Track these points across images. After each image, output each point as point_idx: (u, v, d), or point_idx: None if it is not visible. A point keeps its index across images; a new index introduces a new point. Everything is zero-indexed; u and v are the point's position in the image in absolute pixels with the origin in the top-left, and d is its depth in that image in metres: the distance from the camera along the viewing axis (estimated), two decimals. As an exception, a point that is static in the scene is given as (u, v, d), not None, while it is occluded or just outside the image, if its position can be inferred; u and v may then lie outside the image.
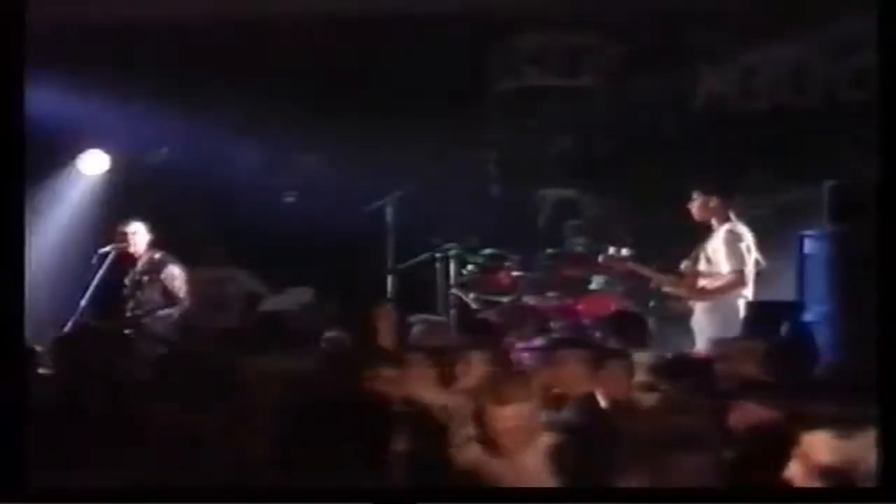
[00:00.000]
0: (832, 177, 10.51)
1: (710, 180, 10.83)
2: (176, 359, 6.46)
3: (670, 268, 10.72)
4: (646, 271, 10.80)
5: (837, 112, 12.33)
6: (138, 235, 11.77)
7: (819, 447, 4.11)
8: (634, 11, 12.51)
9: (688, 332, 10.49)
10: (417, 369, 6.98)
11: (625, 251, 10.88)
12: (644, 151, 12.72)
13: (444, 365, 7.12)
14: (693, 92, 12.95)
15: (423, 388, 6.80)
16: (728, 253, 10.38)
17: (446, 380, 7.09)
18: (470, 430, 5.47)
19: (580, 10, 12.69)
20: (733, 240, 10.41)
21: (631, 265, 10.83)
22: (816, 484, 4.05)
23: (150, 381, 5.74)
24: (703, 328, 10.28)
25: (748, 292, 10.43)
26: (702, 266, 10.50)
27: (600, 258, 11.06)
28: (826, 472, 4.03)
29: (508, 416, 5.38)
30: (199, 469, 4.31)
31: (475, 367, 7.18)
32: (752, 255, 10.48)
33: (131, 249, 11.74)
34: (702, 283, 10.44)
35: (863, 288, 8.50)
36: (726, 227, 10.48)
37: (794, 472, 4.08)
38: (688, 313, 10.55)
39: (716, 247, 10.44)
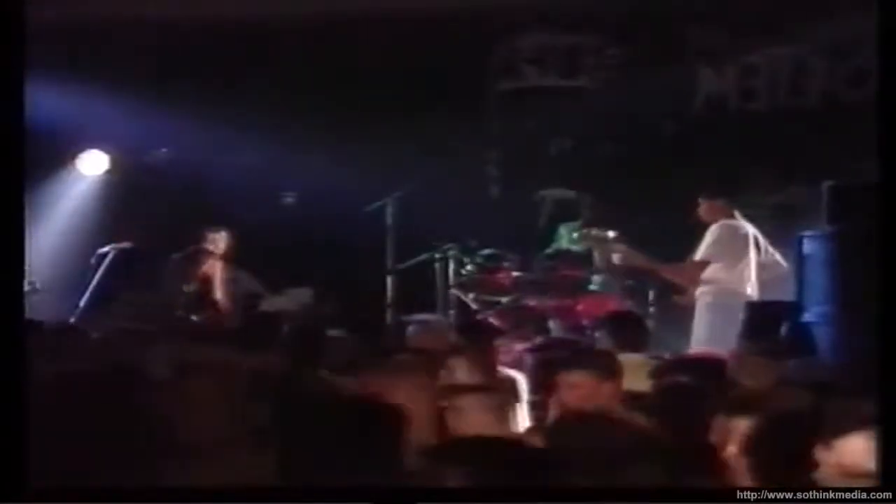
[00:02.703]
0: (831, 177, 10.51)
1: (715, 183, 10.85)
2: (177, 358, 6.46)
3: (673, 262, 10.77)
4: (639, 259, 10.78)
5: (837, 112, 12.34)
6: (220, 241, 11.85)
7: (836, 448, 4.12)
8: (634, 11, 12.52)
9: (686, 332, 10.49)
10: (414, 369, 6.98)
11: (609, 232, 10.87)
12: (643, 152, 12.73)
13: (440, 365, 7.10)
14: (692, 92, 12.95)
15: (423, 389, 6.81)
16: (703, 244, 10.45)
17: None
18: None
19: (580, 11, 12.70)
20: (718, 233, 10.44)
21: (622, 248, 10.78)
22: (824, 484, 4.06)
23: (151, 381, 5.74)
24: (701, 328, 10.28)
25: (752, 291, 10.42)
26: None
27: (575, 235, 11.04)
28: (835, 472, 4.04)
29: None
30: (198, 469, 4.31)
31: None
32: (748, 253, 10.47)
33: (212, 249, 11.83)
34: (704, 274, 10.46)
35: (862, 288, 8.50)
36: (719, 223, 10.51)
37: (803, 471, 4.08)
38: (688, 313, 10.55)
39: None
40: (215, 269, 11.84)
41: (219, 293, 11.79)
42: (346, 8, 12.22)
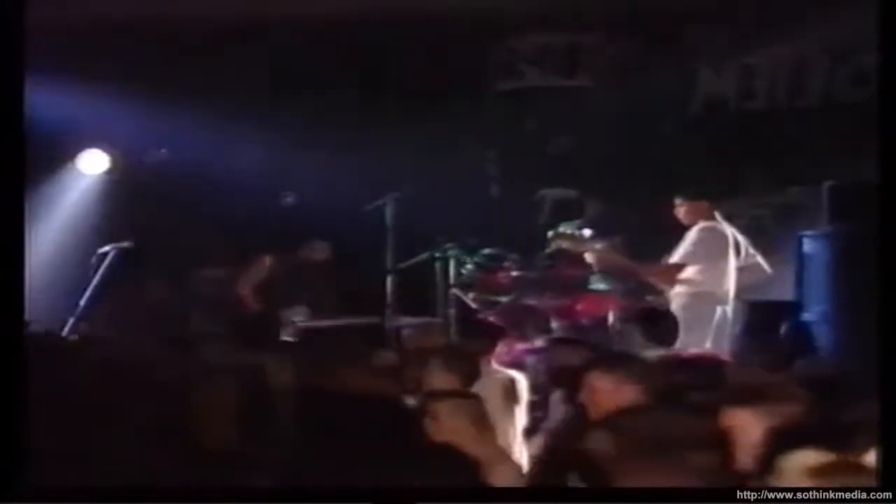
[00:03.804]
0: (832, 177, 10.52)
1: (695, 184, 10.88)
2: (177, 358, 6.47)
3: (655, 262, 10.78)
4: (616, 259, 10.80)
5: (837, 112, 12.34)
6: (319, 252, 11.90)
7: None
8: (634, 11, 12.52)
9: None
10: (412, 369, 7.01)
11: (586, 232, 10.86)
12: (643, 152, 12.73)
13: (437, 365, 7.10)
14: (693, 92, 12.96)
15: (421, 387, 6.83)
16: (682, 246, 10.47)
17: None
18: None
19: (579, 10, 12.70)
20: (698, 237, 10.46)
21: (598, 249, 10.77)
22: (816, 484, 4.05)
23: (152, 381, 5.75)
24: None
25: (728, 295, 10.41)
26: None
27: (549, 234, 11.04)
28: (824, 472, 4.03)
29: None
30: (199, 469, 4.31)
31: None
32: (726, 256, 10.48)
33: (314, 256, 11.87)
34: (681, 276, 10.48)
35: (862, 288, 8.51)
36: (699, 225, 10.53)
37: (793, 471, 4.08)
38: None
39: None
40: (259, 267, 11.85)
41: (247, 288, 11.76)
42: (346, 8, 12.22)
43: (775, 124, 12.68)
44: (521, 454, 6.94)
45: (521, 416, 7.47)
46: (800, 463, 4.01)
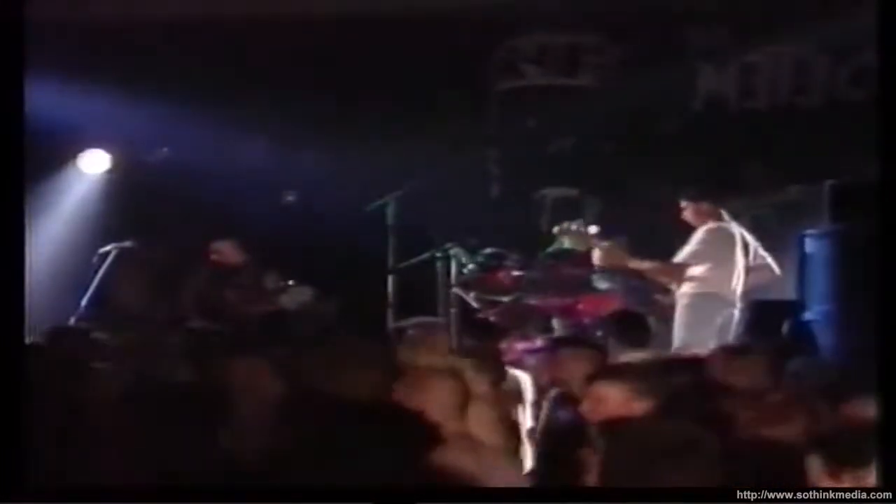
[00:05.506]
0: (833, 176, 10.51)
1: (699, 185, 10.88)
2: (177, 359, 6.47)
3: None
4: (622, 256, 10.79)
5: (838, 111, 12.34)
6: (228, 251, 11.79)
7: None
8: (634, 11, 12.52)
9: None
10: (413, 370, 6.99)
11: (591, 228, 10.84)
12: (644, 151, 12.73)
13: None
14: (693, 91, 12.96)
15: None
16: (689, 246, 10.47)
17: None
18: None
19: (580, 10, 12.70)
20: (705, 237, 10.46)
21: (604, 246, 10.75)
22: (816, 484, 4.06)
23: (151, 381, 5.75)
24: (680, 329, 10.30)
25: (735, 295, 10.40)
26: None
27: (554, 230, 11.03)
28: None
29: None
30: (198, 469, 4.31)
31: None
32: (734, 256, 10.47)
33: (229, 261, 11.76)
34: (688, 273, 10.48)
35: (864, 287, 8.51)
36: (707, 225, 10.53)
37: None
38: (671, 311, 10.56)
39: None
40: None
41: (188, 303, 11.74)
42: (347, 8, 12.23)
43: (776, 123, 12.68)
44: (525, 453, 6.95)
45: (526, 416, 7.48)
46: None
